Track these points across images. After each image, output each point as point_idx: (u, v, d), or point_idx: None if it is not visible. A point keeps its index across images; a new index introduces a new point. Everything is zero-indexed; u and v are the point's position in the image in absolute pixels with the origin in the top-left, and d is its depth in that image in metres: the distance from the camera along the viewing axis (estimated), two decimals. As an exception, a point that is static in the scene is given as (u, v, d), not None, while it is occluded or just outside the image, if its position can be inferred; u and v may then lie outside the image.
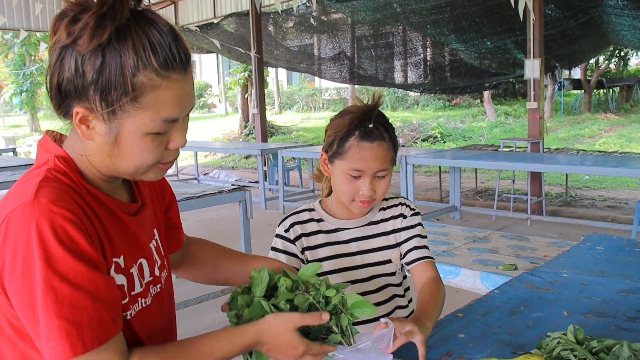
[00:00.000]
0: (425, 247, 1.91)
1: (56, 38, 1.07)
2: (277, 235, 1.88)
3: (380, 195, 1.78)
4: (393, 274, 1.92)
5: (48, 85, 1.13)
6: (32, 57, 29.90)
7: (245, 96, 20.53)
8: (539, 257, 3.07)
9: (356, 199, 1.77)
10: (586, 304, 1.99)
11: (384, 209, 1.94)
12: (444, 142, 17.78)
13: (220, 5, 16.14)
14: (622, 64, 23.99)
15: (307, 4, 13.56)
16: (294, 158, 11.26)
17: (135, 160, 1.14)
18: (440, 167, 10.70)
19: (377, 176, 1.76)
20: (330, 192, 1.94)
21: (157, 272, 1.31)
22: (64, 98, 1.11)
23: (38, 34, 24.32)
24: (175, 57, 1.08)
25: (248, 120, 20.53)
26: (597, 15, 10.53)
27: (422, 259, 1.88)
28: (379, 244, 1.89)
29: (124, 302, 1.16)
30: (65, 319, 1.01)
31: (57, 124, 1.19)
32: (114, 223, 1.18)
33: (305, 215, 1.89)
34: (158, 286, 1.30)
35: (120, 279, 1.16)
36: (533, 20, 8.09)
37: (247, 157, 17.00)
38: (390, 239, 1.91)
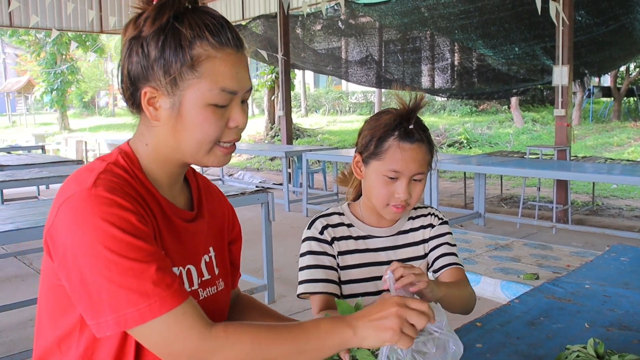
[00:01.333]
0: (455, 254, 1.87)
1: (125, 36, 1.20)
2: (311, 238, 1.80)
3: (414, 200, 1.73)
4: None
5: (120, 79, 1.23)
6: (63, 57, 30.35)
7: (272, 98, 20.60)
8: (562, 267, 3.03)
9: (390, 203, 1.72)
10: (608, 317, 1.96)
11: (412, 218, 1.89)
12: (470, 147, 17.66)
13: (248, 7, 16.22)
14: (653, 72, 23.63)
15: (336, 7, 13.57)
16: (318, 161, 11.26)
17: (198, 133, 1.18)
18: (465, 173, 10.63)
19: (413, 179, 1.71)
20: (356, 197, 1.91)
21: (199, 284, 1.31)
22: (133, 84, 1.20)
23: (69, 34, 24.69)
24: (228, 35, 1.19)
25: (274, 122, 20.59)
26: (629, 22, 10.39)
27: (451, 264, 1.84)
28: (408, 254, 1.84)
29: None
30: (130, 289, 1.05)
31: (87, 121, 1.25)
32: (165, 223, 1.23)
33: (335, 219, 1.84)
34: (201, 295, 1.31)
35: None
36: (563, 25, 8.00)
37: (272, 159, 17.04)
38: (419, 250, 1.87)
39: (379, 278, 1.75)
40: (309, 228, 1.82)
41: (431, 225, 1.89)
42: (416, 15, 12.21)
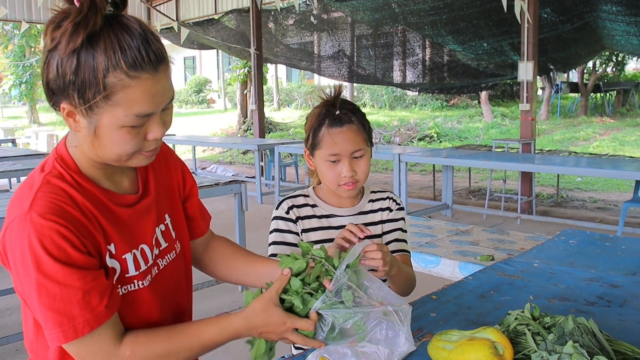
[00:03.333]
0: (405, 241, 2.09)
1: (45, 43, 1.22)
2: (278, 217, 2.00)
3: (361, 175, 1.93)
4: None
5: (43, 85, 1.28)
6: (32, 49, 29.94)
7: (245, 92, 20.67)
8: (516, 250, 3.23)
9: (340, 183, 1.92)
10: (551, 290, 2.16)
11: (372, 200, 2.09)
12: (440, 141, 17.95)
13: (221, 2, 16.26)
14: (618, 68, 24.16)
15: (308, 2, 13.72)
16: (290, 154, 11.41)
17: (115, 150, 1.27)
18: (434, 166, 10.87)
19: (354, 157, 1.90)
20: (320, 182, 2.09)
21: (156, 255, 1.46)
22: (52, 95, 1.25)
23: (39, 26, 24.40)
24: (144, 58, 1.19)
25: (246, 116, 20.67)
26: (592, 19, 10.70)
27: (401, 251, 2.07)
28: (371, 231, 2.00)
29: (113, 282, 1.33)
30: (57, 312, 1.20)
31: (56, 117, 1.37)
32: (107, 215, 1.34)
33: (300, 200, 2.04)
34: (149, 276, 1.43)
35: (113, 263, 1.33)
36: (528, 23, 8.25)
37: (244, 153, 17.14)
38: (377, 229, 2.07)
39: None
40: (277, 208, 2.03)
41: (389, 209, 2.09)
42: (387, 11, 12.40)
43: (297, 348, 1.97)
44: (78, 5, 1.16)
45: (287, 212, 2.00)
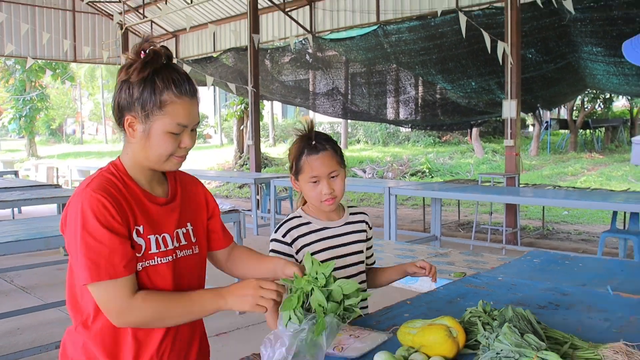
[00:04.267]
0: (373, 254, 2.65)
1: (119, 77, 1.77)
2: (275, 240, 2.39)
3: (339, 191, 2.35)
4: (362, 262, 2.47)
5: (113, 107, 1.82)
6: (33, 83, 30.44)
7: (241, 128, 21.11)
8: (487, 268, 3.59)
9: (322, 200, 2.34)
10: (510, 298, 2.51)
11: (353, 214, 2.52)
12: (432, 177, 18.36)
13: (219, 40, 16.81)
14: (606, 105, 24.76)
15: (303, 42, 14.24)
16: (285, 188, 11.79)
17: (159, 149, 1.77)
18: (424, 200, 11.24)
19: (331, 177, 2.32)
20: (304, 203, 2.48)
21: (175, 246, 1.87)
22: (120, 112, 1.78)
23: (39, 61, 24.93)
24: (186, 87, 1.76)
25: (243, 151, 21.11)
26: (574, 60, 11.21)
27: (374, 262, 2.63)
28: (355, 238, 2.46)
29: (138, 255, 1.75)
30: (89, 259, 1.65)
31: (55, 148, 1.91)
32: (140, 205, 1.81)
33: (295, 221, 2.42)
34: (170, 257, 1.84)
35: (140, 241, 1.77)
36: (511, 64, 8.72)
37: (241, 187, 17.52)
38: (362, 235, 2.50)
39: (338, 257, 2.38)
40: (275, 231, 2.42)
41: (368, 227, 2.55)
42: (379, 51, 12.91)
43: None
44: (144, 55, 1.74)
45: (284, 236, 2.38)
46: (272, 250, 2.38)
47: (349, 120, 25.75)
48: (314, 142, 2.31)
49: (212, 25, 12.99)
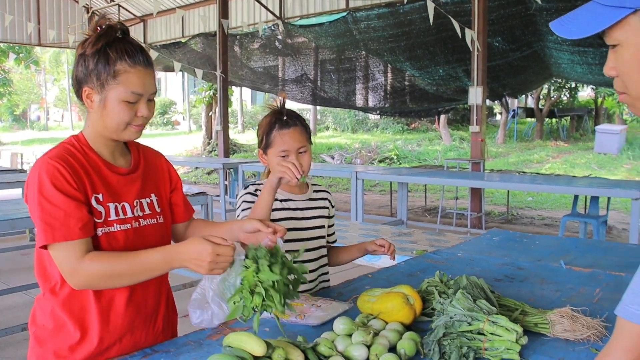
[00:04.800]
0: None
1: (77, 52, 1.86)
2: (246, 193, 2.46)
3: (306, 166, 2.40)
4: (324, 237, 2.54)
5: (72, 81, 1.89)
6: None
7: (210, 114, 21.02)
8: (448, 246, 3.68)
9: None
10: (468, 272, 2.59)
11: (316, 191, 2.60)
12: (400, 163, 18.52)
13: (188, 26, 16.69)
14: (572, 94, 25.17)
15: (272, 28, 14.22)
16: (254, 174, 11.81)
17: (116, 119, 1.82)
18: (391, 186, 11.36)
19: (299, 152, 2.39)
20: (268, 175, 2.54)
21: (137, 215, 1.94)
22: (79, 84, 1.85)
23: (2, 45, 24.41)
24: (140, 58, 1.82)
25: (211, 138, 21.03)
26: (540, 48, 11.38)
27: (336, 240, 2.71)
28: (317, 213, 2.54)
29: (99, 221, 1.81)
30: (45, 222, 1.71)
31: (19, 134, 1.96)
32: (100, 174, 1.87)
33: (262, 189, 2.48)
34: (128, 225, 1.89)
35: (99, 208, 1.83)
36: (477, 51, 8.84)
37: (209, 173, 17.48)
38: (325, 212, 2.58)
39: (300, 229, 2.46)
40: (245, 188, 2.49)
41: (331, 205, 2.63)
42: (348, 38, 12.95)
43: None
44: (99, 30, 1.82)
45: (254, 193, 2.44)
46: (244, 202, 2.44)
47: (318, 107, 25.81)
48: (285, 118, 2.38)
49: (181, 10, 12.89)
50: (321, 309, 2.08)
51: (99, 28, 1.81)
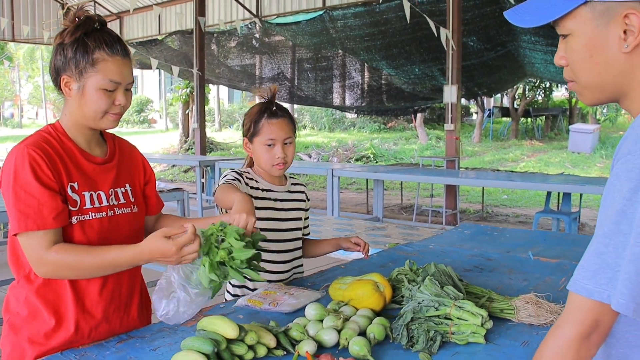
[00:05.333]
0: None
1: (55, 42, 1.88)
2: (230, 172, 2.43)
3: (290, 157, 2.47)
4: (300, 229, 2.59)
5: (50, 70, 1.91)
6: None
7: (187, 112, 20.94)
8: (421, 240, 3.75)
9: (274, 164, 2.44)
10: (438, 262, 2.65)
11: (294, 184, 2.64)
12: (377, 162, 18.61)
13: (165, 23, 16.62)
14: (546, 94, 25.46)
15: (250, 26, 14.21)
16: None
17: (94, 106, 1.85)
18: (367, 184, 11.43)
19: (285, 143, 2.44)
20: (250, 165, 2.58)
21: (112, 204, 1.96)
22: (57, 73, 1.87)
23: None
24: (118, 48, 1.86)
25: (188, 136, 20.95)
26: (514, 48, 11.53)
27: (309, 234, 2.73)
28: (295, 205, 2.58)
29: (74, 209, 1.83)
30: (19, 210, 1.74)
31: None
32: (75, 163, 1.89)
33: (246, 175, 2.51)
34: (103, 213, 1.91)
35: (75, 196, 1.85)
36: (452, 49, 8.94)
37: (186, 171, 17.43)
38: (302, 204, 2.62)
39: (278, 220, 2.49)
40: (229, 170, 2.46)
41: (307, 198, 2.67)
42: (325, 36, 12.99)
43: (233, 295, 2.46)
44: (78, 21, 1.85)
45: (240, 175, 2.45)
46: (227, 175, 2.40)
47: (295, 106, 25.83)
48: (274, 108, 2.44)
49: (158, 7, 12.84)
50: (294, 297, 2.12)
51: (77, 19, 1.84)
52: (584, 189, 6.74)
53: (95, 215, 1.88)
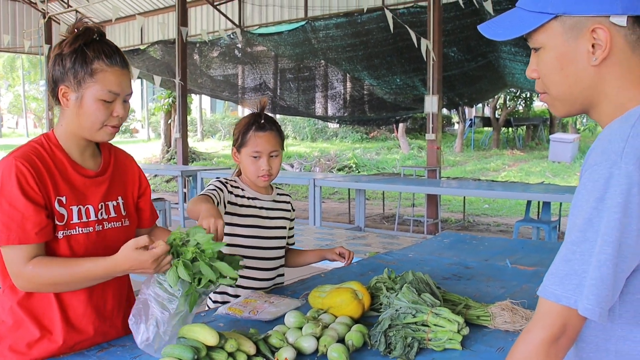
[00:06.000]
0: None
1: (53, 53, 1.87)
2: (216, 181, 2.50)
3: (275, 170, 2.51)
4: (284, 238, 2.62)
5: (47, 81, 1.93)
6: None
7: (169, 122, 20.89)
8: (401, 249, 3.79)
9: (259, 175, 2.48)
10: (418, 271, 2.69)
11: (280, 194, 2.68)
12: (359, 171, 18.68)
13: (147, 33, 16.61)
14: (527, 104, 25.73)
15: (232, 36, 14.25)
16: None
17: (92, 117, 1.84)
18: (349, 193, 11.47)
19: (271, 156, 2.48)
20: (238, 174, 2.63)
21: (100, 218, 1.94)
22: (55, 83, 1.85)
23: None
24: (117, 59, 1.85)
25: (170, 146, 20.90)
26: (494, 59, 11.65)
27: (293, 244, 2.78)
28: (280, 214, 2.62)
29: (60, 224, 1.82)
30: (2, 222, 1.72)
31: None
32: (65, 176, 1.87)
33: (233, 183, 2.56)
34: (91, 228, 1.90)
35: (62, 210, 1.83)
36: (433, 60, 9.02)
37: (168, 181, 17.38)
38: (287, 214, 2.66)
39: (263, 227, 2.53)
40: (216, 179, 2.53)
41: (292, 209, 2.71)
42: (307, 47, 13.05)
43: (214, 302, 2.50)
44: (77, 31, 1.84)
45: (225, 183, 2.50)
46: (210, 186, 2.46)
47: (277, 116, 25.83)
48: (262, 121, 2.47)
49: (141, 17, 12.84)
50: (274, 305, 2.14)
51: (76, 30, 1.84)
52: (563, 198, 6.84)
53: (82, 230, 1.88)
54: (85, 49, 1.81)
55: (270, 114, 2.69)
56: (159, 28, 14.80)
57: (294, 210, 2.73)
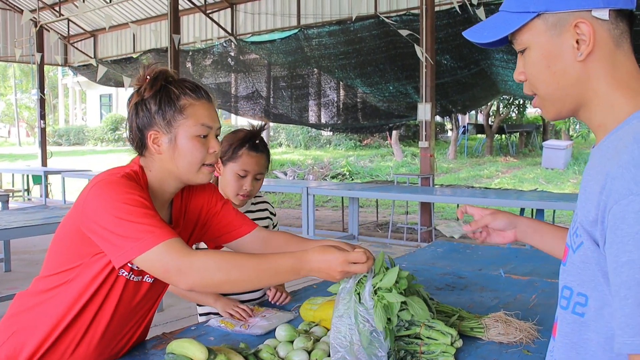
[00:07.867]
0: None
1: (131, 103, 1.76)
2: None
3: (254, 192, 2.51)
4: None
5: (128, 132, 1.79)
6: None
7: (162, 130, 20.84)
8: (394, 258, 3.77)
9: (239, 193, 2.45)
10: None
11: (254, 204, 2.68)
12: (352, 179, 18.67)
13: (139, 41, 16.59)
14: (520, 111, 25.80)
15: (225, 44, 14.25)
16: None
17: (189, 157, 1.73)
18: (343, 201, 11.45)
19: (256, 178, 2.46)
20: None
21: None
22: (141, 132, 1.74)
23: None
24: (202, 92, 1.76)
25: (163, 154, 20.86)
26: (487, 66, 11.67)
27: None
28: (259, 215, 2.62)
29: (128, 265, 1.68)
30: (140, 230, 1.56)
31: None
32: None
33: None
34: (141, 278, 1.76)
35: None
36: (426, 68, 9.03)
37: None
38: (265, 222, 2.64)
39: None
40: None
41: (272, 214, 2.72)
42: (300, 55, 13.06)
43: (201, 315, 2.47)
44: (151, 75, 1.74)
45: None
46: None
47: (270, 123, 25.82)
48: (257, 142, 2.45)
49: (134, 25, 12.85)
50: (266, 318, 2.12)
51: (147, 77, 1.75)
52: (556, 205, 6.83)
53: (148, 279, 1.78)
54: (169, 86, 1.73)
55: (263, 122, 2.67)
56: (152, 36, 14.79)
57: (274, 214, 2.73)
